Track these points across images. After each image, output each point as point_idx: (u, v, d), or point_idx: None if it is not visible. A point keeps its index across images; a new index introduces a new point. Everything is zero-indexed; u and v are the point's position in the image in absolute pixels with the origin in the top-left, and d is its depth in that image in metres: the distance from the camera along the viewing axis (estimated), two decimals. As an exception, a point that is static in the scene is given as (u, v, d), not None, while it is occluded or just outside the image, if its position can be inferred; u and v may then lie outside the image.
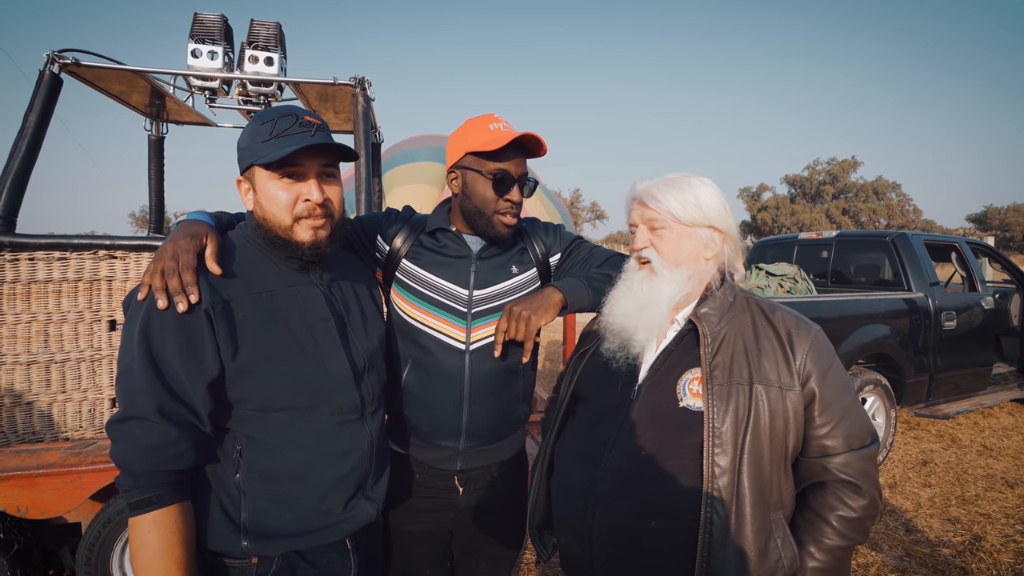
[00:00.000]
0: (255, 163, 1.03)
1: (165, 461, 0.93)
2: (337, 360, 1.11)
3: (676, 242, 1.10)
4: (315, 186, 1.05)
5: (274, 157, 1.00)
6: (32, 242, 2.05)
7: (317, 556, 1.10)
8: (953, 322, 4.37)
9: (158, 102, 2.94)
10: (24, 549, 2.03)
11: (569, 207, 44.62)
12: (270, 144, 1.02)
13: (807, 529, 1.05)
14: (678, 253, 1.10)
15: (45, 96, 2.18)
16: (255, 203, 1.07)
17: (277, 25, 2.59)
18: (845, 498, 1.04)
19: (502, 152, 1.27)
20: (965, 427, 4.93)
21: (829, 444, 1.05)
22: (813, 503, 1.07)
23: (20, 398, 2.04)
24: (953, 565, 2.77)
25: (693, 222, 1.09)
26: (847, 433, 1.05)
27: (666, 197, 1.09)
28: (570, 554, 1.17)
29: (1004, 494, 3.60)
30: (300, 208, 1.05)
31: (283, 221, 1.05)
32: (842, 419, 1.06)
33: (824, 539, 1.03)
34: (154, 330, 0.95)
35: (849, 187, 44.40)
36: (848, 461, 1.04)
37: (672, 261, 1.10)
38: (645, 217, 1.12)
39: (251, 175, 1.07)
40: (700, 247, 1.11)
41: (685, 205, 1.08)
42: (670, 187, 1.10)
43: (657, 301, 1.09)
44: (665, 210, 1.09)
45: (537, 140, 1.28)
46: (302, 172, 1.05)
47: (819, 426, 1.05)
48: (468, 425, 1.32)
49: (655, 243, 1.12)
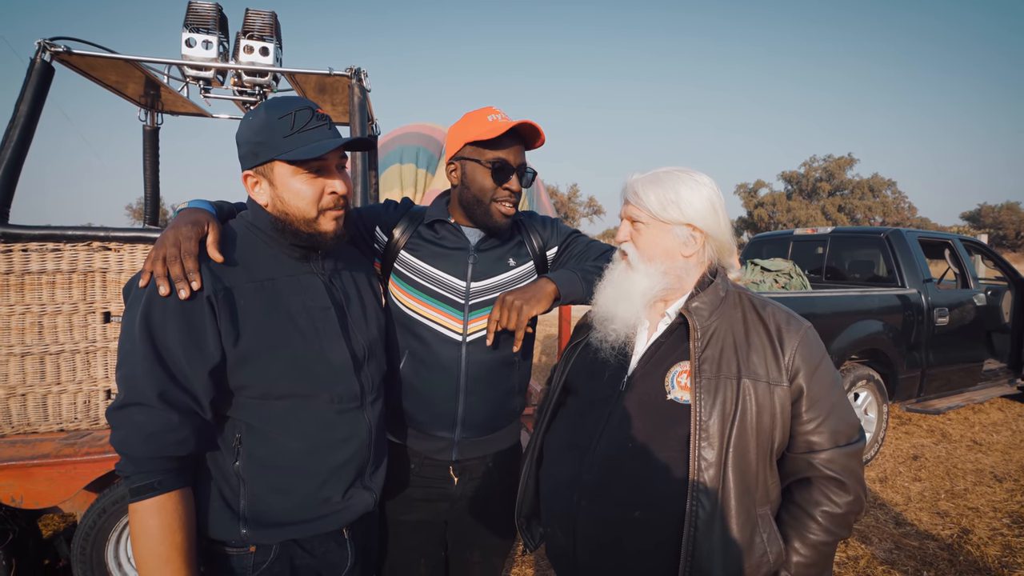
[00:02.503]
0: (278, 158, 1.02)
1: (166, 447, 0.93)
2: (337, 349, 1.11)
3: (652, 238, 1.12)
4: (339, 179, 1.07)
5: (310, 154, 1.00)
6: (25, 233, 2.03)
7: (315, 545, 1.11)
8: (945, 318, 4.41)
9: (152, 92, 2.91)
10: (19, 539, 2.03)
11: (567, 201, 44.52)
12: (294, 139, 1.01)
13: (792, 524, 1.06)
14: (653, 249, 1.12)
15: (36, 85, 2.15)
16: (273, 197, 1.06)
17: (272, 15, 2.56)
18: (830, 494, 1.04)
19: (500, 141, 1.28)
20: (956, 422, 4.99)
21: (815, 440, 1.06)
22: (798, 498, 1.07)
23: (15, 389, 2.03)
24: (941, 558, 2.82)
25: (671, 220, 1.10)
26: (834, 429, 1.06)
27: (647, 194, 1.10)
28: (555, 543, 1.18)
29: (992, 488, 3.65)
30: (326, 200, 1.07)
31: (308, 214, 1.06)
32: (829, 415, 1.06)
33: (809, 534, 1.04)
34: (156, 316, 0.95)
35: (845, 184, 44.57)
36: (834, 457, 1.05)
37: (647, 256, 1.12)
38: (628, 213, 1.15)
39: (267, 170, 1.05)
40: (678, 244, 1.11)
41: (664, 203, 1.09)
42: (654, 184, 1.11)
43: (631, 293, 1.12)
44: (644, 207, 1.11)
45: (535, 129, 1.29)
46: (326, 166, 1.06)
47: (806, 422, 1.06)
48: (464, 416, 1.33)
49: (634, 237, 1.14)
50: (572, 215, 45.10)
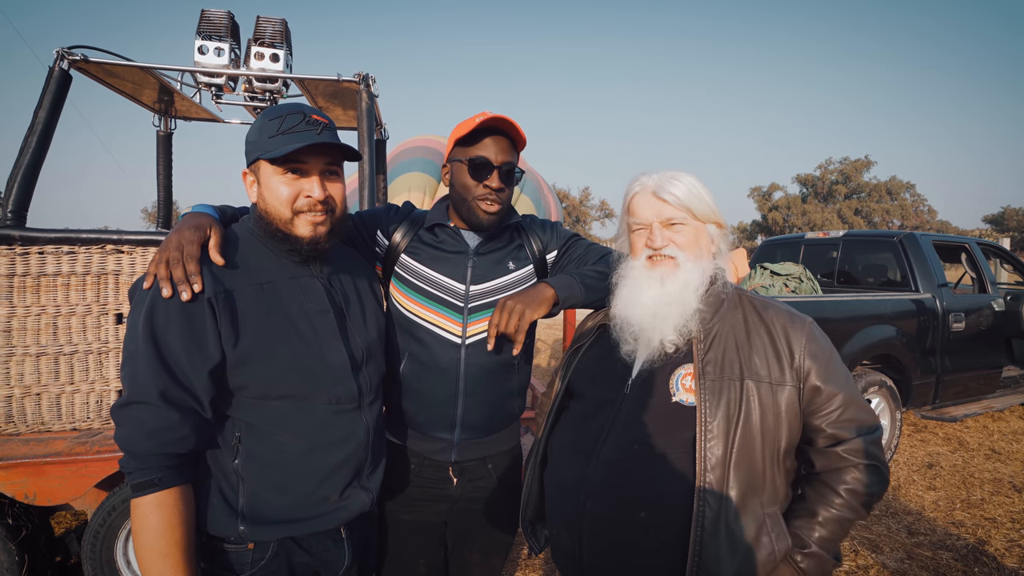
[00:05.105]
0: (261, 157, 1.06)
1: (167, 445, 0.96)
2: (336, 351, 1.13)
3: (694, 236, 1.13)
4: (317, 183, 1.08)
5: (279, 153, 1.03)
6: (42, 236, 2.09)
7: (312, 543, 1.12)
8: (961, 324, 4.32)
9: (166, 98, 2.98)
10: (32, 535, 2.07)
11: (579, 205, 44.46)
12: (276, 140, 1.05)
13: (817, 500, 1.07)
14: (695, 247, 1.13)
15: (55, 92, 2.22)
16: (258, 196, 1.10)
17: (283, 22, 2.61)
18: (859, 474, 1.06)
19: (479, 139, 1.30)
20: (973, 430, 4.88)
21: (840, 432, 1.07)
22: (825, 477, 1.08)
23: (30, 389, 2.09)
24: (955, 569, 2.75)
25: (705, 218, 1.13)
26: (856, 419, 1.08)
27: (682, 193, 1.11)
28: (561, 546, 1.19)
29: (1011, 498, 3.56)
30: (301, 203, 1.08)
31: (283, 214, 1.08)
32: (848, 406, 1.08)
33: (833, 508, 1.05)
34: (158, 317, 0.97)
35: (862, 187, 43.90)
36: (860, 447, 1.06)
37: (694, 254, 1.13)
38: (663, 215, 1.12)
39: (256, 168, 1.10)
40: (709, 242, 1.14)
41: (699, 201, 1.11)
42: (680, 183, 1.12)
43: (683, 296, 1.10)
44: (683, 205, 1.11)
45: (508, 123, 1.29)
46: (305, 169, 1.08)
47: (827, 414, 1.07)
48: (463, 417, 1.34)
49: (674, 239, 1.13)
50: (584, 218, 45.04)
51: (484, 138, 1.30)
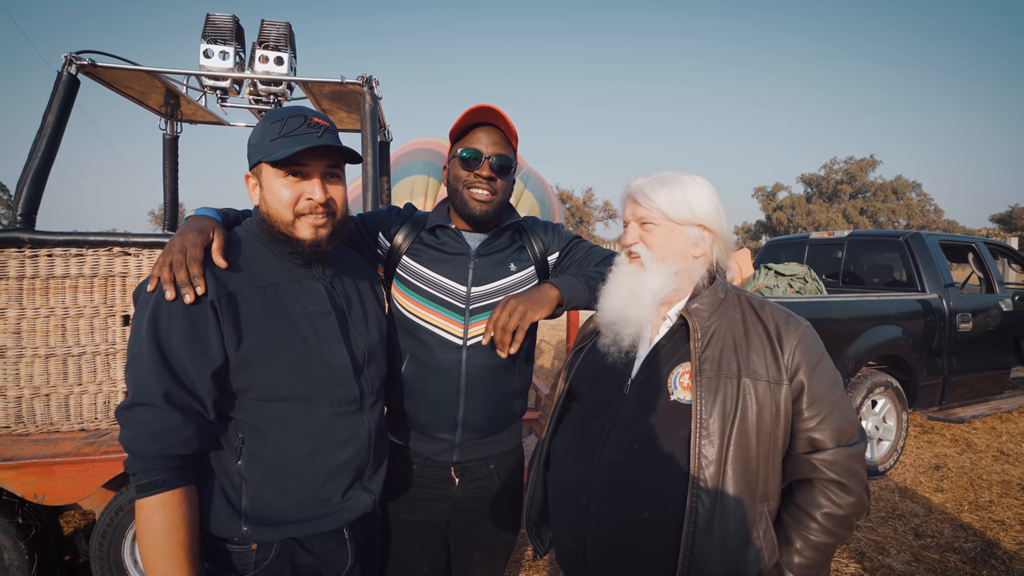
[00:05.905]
0: (262, 160, 1.07)
1: (171, 446, 0.97)
2: (337, 353, 1.14)
3: (665, 238, 1.13)
4: (318, 186, 1.09)
5: (280, 155, 1.04)
6: (50, 239, 2.11)
7: (315, 544, 1.13)
8: (969, 324, 4.28)
9: (172, 102, 3.01)
10: (41, 535, 2.10)
11: (582, 206, 44.43)
12: (278, 143, 1.06)
13: (794, 526, 1.06)
14: (666, 249, 1.13)
15: (63, 97, 2.25)
16: (260, 198, 1.12)
17: (287, 25, 2.63)
18: (832, 495, 1.04)
19: (469, 132, 1.33)
20: (982, 432, 4.83)
21: (818, 437, 1.06)
22: (800, 500, 1.07)
23: (39, 390, 2.11)
24: (963, 571, 2.73)
25: (682, 220, 1.12)
26: (836, 427, 1.06)
27: (657, 195, 1.12)
28: (565, 547, 1.19)
29: (1020, 501, 3.52)
30: (302, 206, 1.09)
31: (285, 217, 1.09)
32: (831, 413, 1.06)
33: (811, 535, 1.04)
34: (162, 320, 0.98)
35: (867, 186, 43.56)
36: (836, 459, 1.04)
37: (660, 256, 1.13)
38: (637, 215, 1.15)
39: (258, 171, 1.11)
40: (688, 244, 1.14)
41: (675, 204, 1.11)
42: (662, 186, 1.13)
43: (642, 294, 1.12)
44: (656, 208, 1.12)
45: (495, 112, 1.30)
46: (307, 171, 1.09)
47: (808, 418, 1.06)
48: (464, 418, 1.35)
49: (644, 239, 1.14)
50: (587, 219, 44.98)
51: (476, 131, 1.32)
